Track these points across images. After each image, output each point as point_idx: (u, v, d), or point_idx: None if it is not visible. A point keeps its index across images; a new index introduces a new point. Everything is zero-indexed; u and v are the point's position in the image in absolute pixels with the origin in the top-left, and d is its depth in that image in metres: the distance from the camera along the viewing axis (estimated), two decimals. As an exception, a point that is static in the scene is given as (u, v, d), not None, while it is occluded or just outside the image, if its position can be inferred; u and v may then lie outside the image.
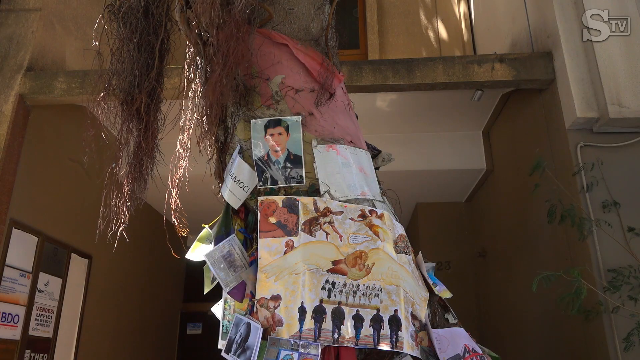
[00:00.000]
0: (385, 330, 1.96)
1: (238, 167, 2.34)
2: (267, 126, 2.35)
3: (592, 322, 3.60)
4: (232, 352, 2.06)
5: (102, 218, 2.53)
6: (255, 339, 1.98)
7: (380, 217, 2.23)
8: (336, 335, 1.95)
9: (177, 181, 2.66)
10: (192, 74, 2.72)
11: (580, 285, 3.21)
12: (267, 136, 2.33)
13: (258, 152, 2.33)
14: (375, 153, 2.74)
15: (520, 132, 5.19)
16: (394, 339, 1.95)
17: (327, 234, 2.14)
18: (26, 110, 4.59)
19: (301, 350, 1.93)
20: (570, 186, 3.97)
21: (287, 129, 2.33)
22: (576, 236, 3.77)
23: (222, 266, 2.17)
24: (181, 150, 2.77)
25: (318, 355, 1.91)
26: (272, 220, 2.17)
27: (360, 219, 2.19)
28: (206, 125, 2.65)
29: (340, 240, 2.13)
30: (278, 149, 2.31)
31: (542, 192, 4.08)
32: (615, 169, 3.90)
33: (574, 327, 3.96)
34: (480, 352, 2.16)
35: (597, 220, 3.68)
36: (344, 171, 2.31)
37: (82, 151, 2.72)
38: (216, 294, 2.40)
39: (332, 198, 2.22)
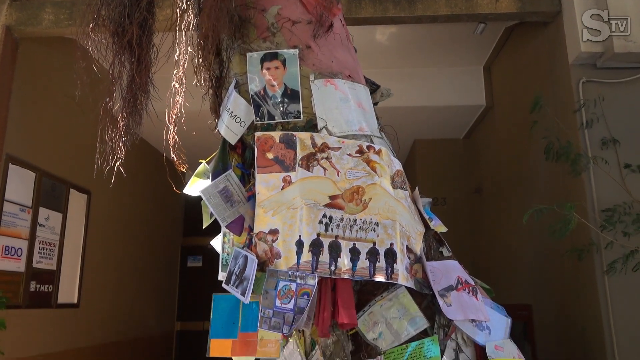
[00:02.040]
0: (381, 262, 2.01)
1: (234, 102, 2.30)
2: (263, 60, 2.28)
3: (584, 259, 3.70)
4: (231, 283, 2.12)
5: (99, 154, 2.51)
6: (251, 270, 2.03)
7: (378, 152, 2.22)
8: (333, 268, 2.00)
9: (174, 117, 2.62)
10: (184, 4, 2.61)
11: (571, 215, 3.27)
12: (264, 70, 2.28)
13: (254, 86, 2.28)
14: (373, 88, 2.69)
15: (522, 67, 5.08)
16: (389, 271, 2.00)
17: (325, 169, 2.14)
18: (14, 43, 4.45)
19: (299, 281, 1.98)
20: (570, 123, 3.94)
21: (284, 62, 2.27)
22: (572, 173, 3.79)
23: (217, 202, 2.19)
24: (177, 85, 2.70)
25: (315, 286, 1.96)
26: (270, 155, 2.16)
27: (358, 155, 2.19)
28: (201, 58, 2.58)
29: (338, 176, 2.13)
30: (275, 83, 2.26)
31: (541, 129, 4.06)
32: (617, 105, 3.86)
33: (565, 262, 4.07)
34: (473, 284, 2.22)
35: (594, 157, 3.69)
36: (342, 106, 2.28)
37: (74, 85, 2.65)
38: (216, 228, 2.43)
39: (330, 134, 2.20)
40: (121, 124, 2.45)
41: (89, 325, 5.50)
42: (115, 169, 2.49)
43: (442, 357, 1.95)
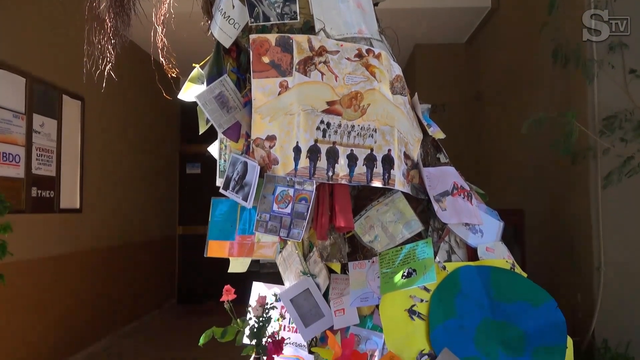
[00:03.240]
0: (378, 168, 2.01)
1: (227, 3, 2.17)
2: (256, -46, 2.12)
3: (579, 164, 3.72)
4: (230, 189, 2.14)
5: (88, 57, 2.42)
6: (253, 176, 2.04)
7: (378, 56, 2.14)
8: (330, 173, 2.01)
9: (162, 17, 2.49)
10: None
11: (572, 127, 3.26)
12: (257, -34, 2.13)
13: (248, -16, 2.14)
14: (374, -13, 2.54)
15: (532, -36, 4.78)
16: (386, 177, 2.01)
17: (322, 74, 2.07)
18: None
19: (297, 186, 2.01)
20: (578, 24, 3.78)
21: (278, -43, 2.11)
22: (576, 79, 3.71)
23: (213, 107, 2.14)
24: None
25: (313, 191, 1.99)
26: (266, 59, 2.09)
27: (357, 59, 2.11)
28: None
29: (336, 81, 2.07)
30: (269, -20, 2.12)
31: (549, 32, 3.90)
32: (628, 5, 3.68)
33: (559, 168, 4.11)
34: (468, 189, 2.25)
35: (600, 61, 3.58)
36: (340, 7, 2.16)
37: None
38: (213, 135, 2.41)
39: (328, 36, 2.11)
40: (109, 25, 2.33)
41: (92, 230, 5.67)
42: (106, 73, 2.42)
43: (435, 258, 2.02)
